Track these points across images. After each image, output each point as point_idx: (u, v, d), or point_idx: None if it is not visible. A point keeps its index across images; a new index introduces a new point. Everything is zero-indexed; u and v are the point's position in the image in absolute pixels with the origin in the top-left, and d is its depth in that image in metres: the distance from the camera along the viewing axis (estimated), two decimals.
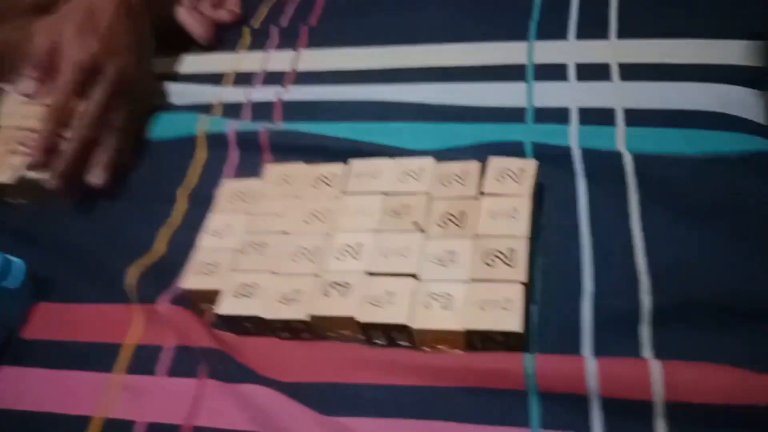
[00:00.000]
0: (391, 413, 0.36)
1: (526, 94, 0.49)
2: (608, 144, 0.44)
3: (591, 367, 0.33)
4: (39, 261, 0.47)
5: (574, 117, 0.46)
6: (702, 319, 0.35)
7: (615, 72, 0.49)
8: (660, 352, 0.34)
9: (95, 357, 0.42)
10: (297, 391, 0.37)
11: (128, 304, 0.44)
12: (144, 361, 0.41)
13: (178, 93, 0.57)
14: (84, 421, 0.40)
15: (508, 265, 0.37)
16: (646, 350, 0.35)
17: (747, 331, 0.34)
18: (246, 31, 0.62)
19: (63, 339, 0.44)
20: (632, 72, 0.48)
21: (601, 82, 0.48)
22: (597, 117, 0.46)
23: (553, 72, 0.50)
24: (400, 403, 0.36)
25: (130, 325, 0.43)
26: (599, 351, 0.35)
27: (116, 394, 0.40)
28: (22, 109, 0.53)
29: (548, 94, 0.48)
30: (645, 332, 0.35)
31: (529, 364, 0.34)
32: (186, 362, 0.41)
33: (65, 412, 0.40)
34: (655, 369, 0.32)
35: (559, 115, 0.47)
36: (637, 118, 0.45)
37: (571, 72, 0.50)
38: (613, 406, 0.33)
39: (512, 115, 0.48)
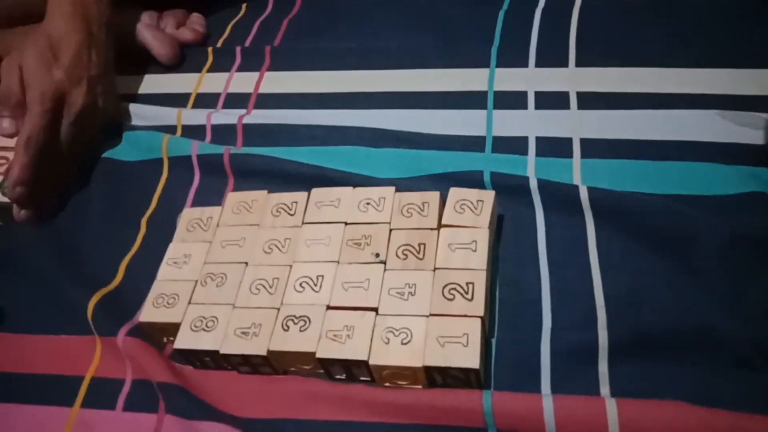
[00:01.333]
0: None
1: (485, 123, 0.49)
2: (565, 176, 0.44)
3: (548, 406, 0.33)
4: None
5: (532, 147, 0.47)
6: (656, 354, 0.36)
7: (573, 100, 0.49)
8: (616, 389, 0.35)
9: (54, 391, 0.41)
10: (255, 427, 0.37)
11: (89, 336, 0.43)
12: (103, 395, 0.41)
13: (139, 114, 0.56)
14: None
15: (467, 298, 0.37)
16: (603, 387, 0.35)
17: (699, 365, 0.35)
18: (210, 52, 0.61)
19: (21, 371, 0.43)
20: (590, 100, 0.49)
21: (559, 111, 0.49)
22: (554, 148, 0.46)
23: (513, 100, 0.50)
24: None
25: (90, 358, 0.42)
26: (557, 388, 0.35)
27: (75, 430, 0.39)
28: None
29: (507, 123, 0.49)
30: (602, 368, 0.36)
31: (488, 401, 0.34)
32: (145, 397, 0.40)
33: None
34: (611, 408, 0.33)
35: (517, 145, 0.47)
36: (593, 149, 0.46)
37: (530, 100, 0.50)
38: None
39: (472, 143, 0.48)
